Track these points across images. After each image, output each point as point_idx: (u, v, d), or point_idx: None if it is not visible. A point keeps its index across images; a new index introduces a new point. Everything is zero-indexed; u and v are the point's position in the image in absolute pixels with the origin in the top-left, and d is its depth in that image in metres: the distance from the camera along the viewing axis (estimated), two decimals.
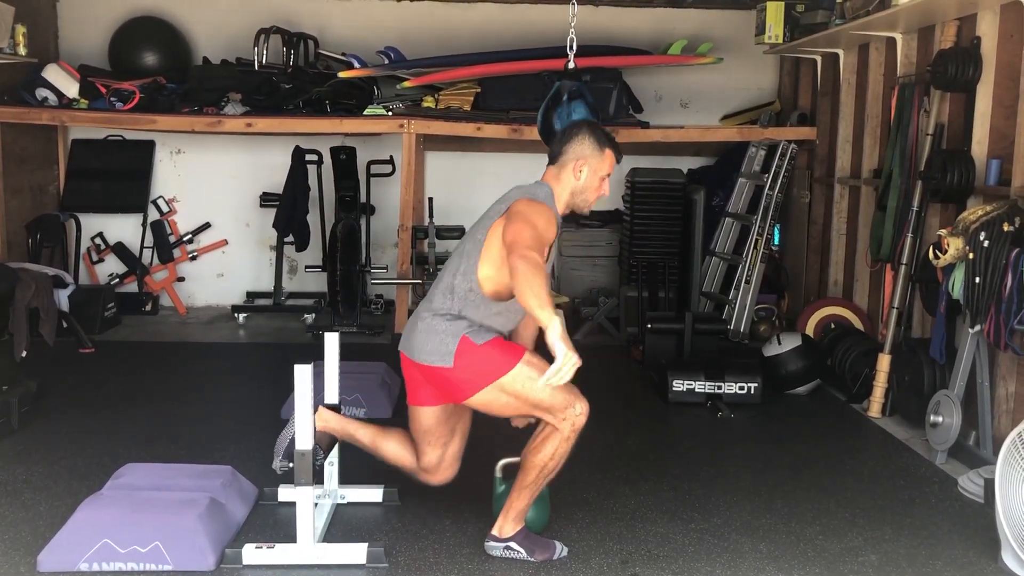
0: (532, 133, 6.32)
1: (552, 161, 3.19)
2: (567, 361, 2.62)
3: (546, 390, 2.93)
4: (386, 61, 6.58)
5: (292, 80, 6.54)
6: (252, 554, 2.98)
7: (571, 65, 4.26)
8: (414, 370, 3.14)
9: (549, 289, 2.75)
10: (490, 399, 3.00)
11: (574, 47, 4.20)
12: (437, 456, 3.24)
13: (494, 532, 3.11)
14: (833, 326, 5.68)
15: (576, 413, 2.96)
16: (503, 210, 3.05)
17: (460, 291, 3.04)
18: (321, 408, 3.32)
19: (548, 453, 3.00)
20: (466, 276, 3.04)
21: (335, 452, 3.44)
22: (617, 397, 5.16)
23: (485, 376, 2.97)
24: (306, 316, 6.74)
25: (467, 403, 3.08)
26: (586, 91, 4.24)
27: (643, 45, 6.97)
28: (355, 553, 3.01)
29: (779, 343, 5.21)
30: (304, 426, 2.96)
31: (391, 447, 3.31)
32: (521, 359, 2.99)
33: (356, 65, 6.52)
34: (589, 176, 3.14)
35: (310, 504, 2.97)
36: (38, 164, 6.87)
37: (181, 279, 7.24)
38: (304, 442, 2.96)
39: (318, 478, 3.09)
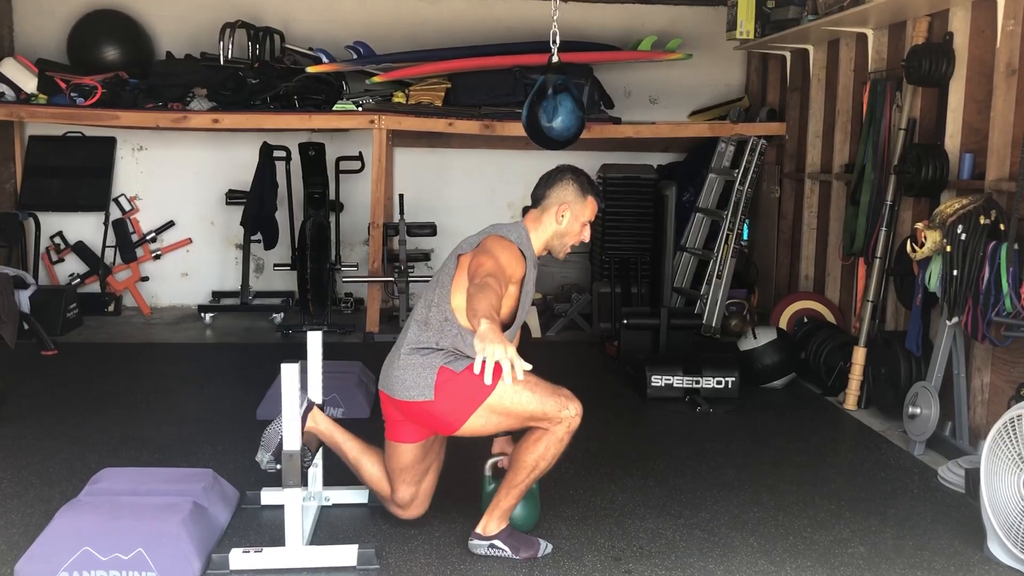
0: (504, 129, 6.34)
1: (534, 204, 3.18)
2: (487, 353, 2.46)
3: (535, 400, 2.91)
4: (355, 56, 6.50)
5: (259, 75, 6.42)
6: (239, 559, 2.91)
7: (555, 59, 4.22)
8: (393, 409, 3.09)
9: (494, 306, 2.67)
10: (481, 423, 2.95)
11: (557, 41, 4.17)
12: (411, 494, 3.21)
13: (478, 530, 3.08)
14: (806, 320, 5.73)
15: (571, 415, 2.94)
16: (475, 243, 3.05)
17: (435, 322, 3.01)
18: (315, 410, 3.26)
19: (540, 453, 2.97)
20: (439, 307, 3.02)
21: (319, 454, 3.37)
22: (594, 393, 5.12)
23: (470, 402, 2.92)
24: (274, 315, 6.64)
25: (459, 433, 3.01)
26: (571, 84, 4.21)
27: (612, 41, 6.97)
28: (346, 555, 2.95)
29: (755, 337, 5.24)
30: (292, 427, 2.90)
31: (372, 471, 3.26)
32: (499, 377, 2.94)
33: (324, 60, 6.43)
34: (571, 221, 3.14)
35: (298, 506, 2.91)
36: None
37: (144, 279, 7.08)
38: (292, 443, 2.90)
39: (304, 480, 3.03)
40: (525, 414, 2.93)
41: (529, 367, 2.52)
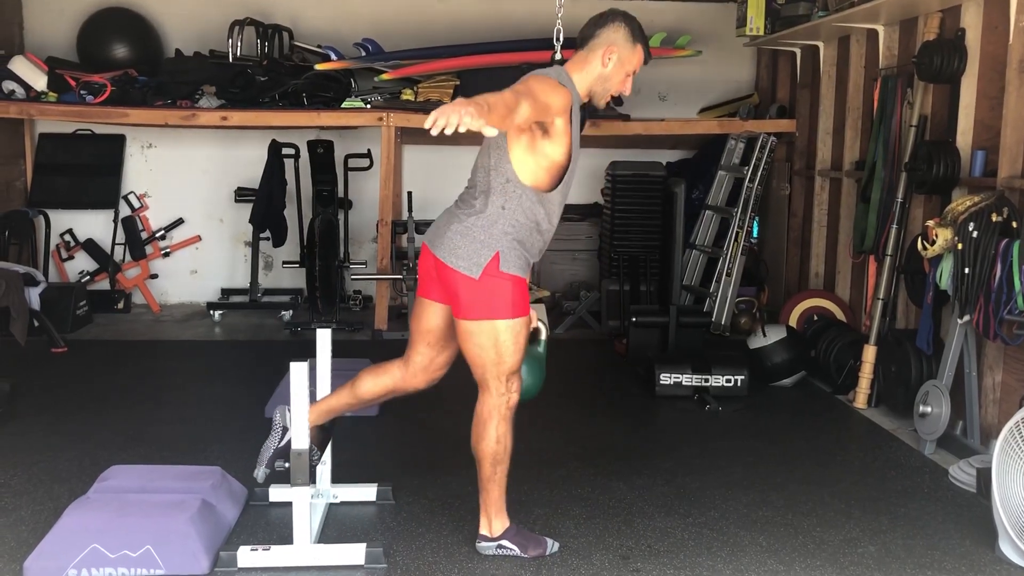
0: None
1: (580, 44, 3.04)
2: (441, 111, 2.34)
3: (514, 359, 2.91)
4: (363, 53, 6.49)
5: (267, 73, 6.43)
6: (247, 556, 2.91)
7: (558, 56, 4.18)
8: (431, 263, 2.99)
9: (491, 102, 2.50)
10: (477, 332, 2.89)
11: (560, 38, 4.13)
12: (428, 358, 3.08)
13: (483, 532, 3.06)
14: (816, 318, 5.70)
15: (513, 390, 2.94)
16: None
17: (497, 185, 2.89)
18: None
19: (493, 437, 2.94)
20: (498, 169, 2.90)
21: (327, 451, 3.37)
22: (602, 391, 5.14)
23: (492, 309, 2.87)
24: (283, 313, 6.64)
25: (459, 321, 2.93)
26: None
27: None
28: (353, 554, 2.95)
29: (764, 335, 5.21)
30: (300, 425, 2.89)
31: (368, 387, 3.13)
32: (525, 316, 2.92)
33: (333, 57, 6.43)
34: (616, 67, 2.99)
35: (307, 504, 2.91)
36: (4, 159, 6.70)
37: (154, 276, 7.11)
38: (300, 441, 2.90)
39: (312, 478, 3.03)
40: (498, 359, 2.90)
41: (494, 132, 2.44)
